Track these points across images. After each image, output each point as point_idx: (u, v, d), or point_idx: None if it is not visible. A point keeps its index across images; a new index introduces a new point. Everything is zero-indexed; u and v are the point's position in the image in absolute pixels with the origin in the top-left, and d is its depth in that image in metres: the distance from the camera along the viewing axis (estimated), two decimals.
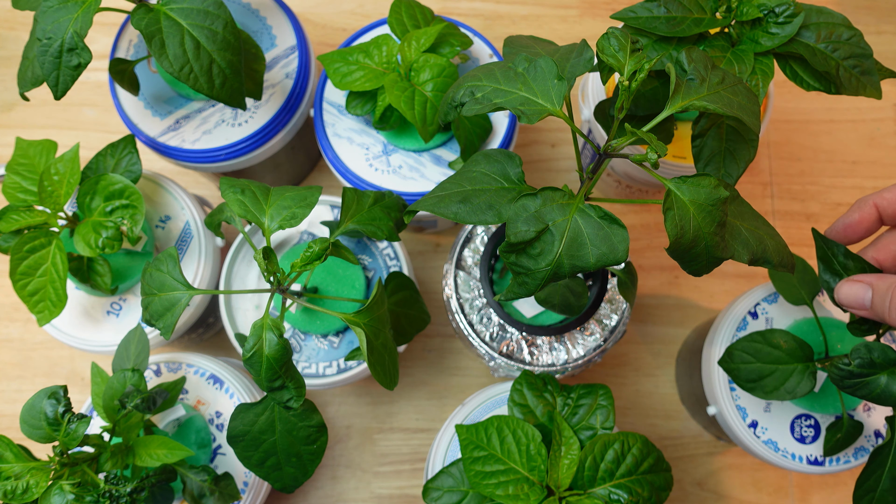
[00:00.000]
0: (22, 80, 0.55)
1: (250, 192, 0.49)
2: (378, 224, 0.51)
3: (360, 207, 0.52)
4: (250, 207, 0.48)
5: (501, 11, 0.89)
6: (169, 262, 0.48)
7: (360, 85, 0.61)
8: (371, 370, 0.45)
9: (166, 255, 0.48)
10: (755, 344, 0.57)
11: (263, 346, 0.44)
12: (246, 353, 0.44)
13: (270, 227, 0.48)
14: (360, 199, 0.52)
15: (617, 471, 0.53)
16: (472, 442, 0.54)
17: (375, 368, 0.46)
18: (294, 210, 0.48)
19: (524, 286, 0.38)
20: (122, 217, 0.56)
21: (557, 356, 0.61)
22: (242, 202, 0.48)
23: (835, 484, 0.78)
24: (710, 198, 0.37)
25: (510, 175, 0.40)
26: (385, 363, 0.47)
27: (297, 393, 0.46)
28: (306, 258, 0.45)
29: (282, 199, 0.49)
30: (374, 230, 0.51)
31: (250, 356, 0.44)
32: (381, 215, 0.52)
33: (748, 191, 0.85)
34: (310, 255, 0.45)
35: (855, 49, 0.50)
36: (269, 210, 0.48)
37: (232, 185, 0.49)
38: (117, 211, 0.56)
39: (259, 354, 0.44)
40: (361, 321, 0.45)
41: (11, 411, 0.79)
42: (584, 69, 0.41)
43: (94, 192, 0.57)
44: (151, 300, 0.48)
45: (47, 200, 0.56)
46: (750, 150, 0.47)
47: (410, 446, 0.78)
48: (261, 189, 0.50)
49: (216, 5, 0.52)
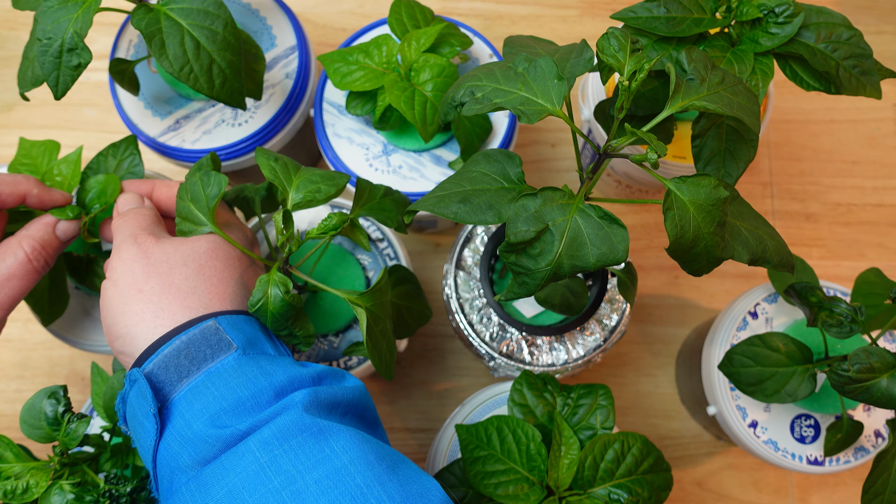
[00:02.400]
0: (22, 80, 0.55)
1: (282, 162, 0.50)
2: (388, 214, 0.52)
3: (371, 196, 0.52)
4: (280, 174, 0.49)
5: (501, 11, 0.89)
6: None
7: (360, 85, 0.61)
8: (369, 356, 0.46)
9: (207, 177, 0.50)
10: (754, 347, 0.57)
11: (269, 302, 0.45)
12: (252, 306, 0.46)
13: (294, 197, 0.48)
14: (373, 190, 0.53)
15: (617, 471, 0.53)
16: (472, 442, 0.54)
17: (373, 354, 0.47)
18: (321, 186, 0.49)
19: (524, 286, 0.38)
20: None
21: (557, 356, 0.61)
22: (274, 168, 0.49)
23: (835, 484, 0.78)
24: (710, 198, 0.37)
25: (510, 175, 0.41)
26: (383, 352, 0.48)
27: (305, 341, 0.48)
28: (323, 227, 0.46)
29: (311, 174, 0.50)
30: (385, 219, 0.52)
31: (256, 309, 0.46)
32: (390, 207, 0.53)
33: (748, 191, 0.85)
34: (327, 224, 0.46)
35: (855, 49, 0.50)
36: (297, 181, 0.49)
37: (267, 154, 0.50)
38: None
39: (264, 308, 0.46)
40: (364, 304, 0.46)
41: (11, 411, 0.79)
42: (584, 69, 0.41)
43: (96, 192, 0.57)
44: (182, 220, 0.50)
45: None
46: (750, 150, 0.47)
47: (410, 446, 0.78)
48: (292, 163, 0.51)
49: (216, 5, 0.52)
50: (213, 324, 0.43)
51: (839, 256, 0.83)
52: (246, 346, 0.43)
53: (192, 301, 0.45)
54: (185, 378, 0.42)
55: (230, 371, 0.41)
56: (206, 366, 0.42)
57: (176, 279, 0.45)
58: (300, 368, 0.43)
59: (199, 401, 0.41)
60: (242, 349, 0.43)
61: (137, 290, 0.45)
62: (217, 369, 0.42)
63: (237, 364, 0.42)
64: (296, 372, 0.42)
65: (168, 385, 0.42)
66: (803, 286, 0.56)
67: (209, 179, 0.48)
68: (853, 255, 0.83)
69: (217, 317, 0.44)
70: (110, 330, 0.46)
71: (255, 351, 0.44)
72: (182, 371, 0.42)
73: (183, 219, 0.49)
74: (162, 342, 0.43)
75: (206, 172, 0.48)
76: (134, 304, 0.45)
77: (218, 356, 0.42)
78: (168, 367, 0.42)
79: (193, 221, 0.48)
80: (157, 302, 0.44)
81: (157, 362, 0.42)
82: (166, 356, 0.42)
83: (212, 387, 0.41)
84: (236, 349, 0.43)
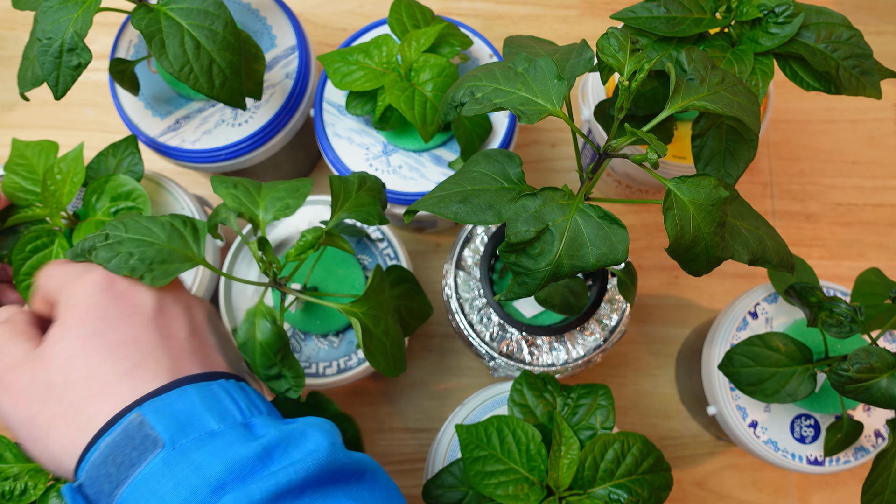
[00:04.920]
0: (22, 80, 0.55)
1: (242, 186, 0.49)
2: (368, 209, 0.50)
3: (347, 195, 0.51)
4: (244, 200, 0.48)
5: (501, 11, 0.89)
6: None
7: (360, 85, 0.61)
8: (369, 359, 0.45)
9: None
10: (754, 348, 0.57)
11: (256, 332, 0.43)
12: (239, 340, 0.44)
13: (265, 218, 0.47)
14: (346, 186, 0.51)
15: (617, 471, 0.53)
16: (472, 442, 0.54)
17: (375, 357, 0.45)
18: (287, 201, 0.48)
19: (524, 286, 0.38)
20: None
21: (557, 356, 0.61)
22: (236, 196, 0.48)
23: (835, 484, 0.78)
24: (710, 198, 0.37)
25: (510, 175, 0.40)
26: (387, 351, 0.46)
27: (296, 383, 0.46)
28: (300, 247, 0.45)
29: (274, 191, 0.49)
30: (367, 216, 0.50)
31: (244, 343, 0.44)
32: (368, 200, 0.51)
33: (748, 191, 0.85)
34: (303, 244, 0.45)
35: (855, 49, 0.50)
36: (263, 202, 0.48)
37: (224, 182, 0.49)
38: (122, 212, 0.57)
39: (252, 341, 0.44)
40: (358, 310, 0.45)
41: None
42: (584, 69, 0.41)
43: (102, 191, 0.57)
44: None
45: (50, 199, 0.56)
46: (750, 150, 0.47)
47: (410, 446, 0.78)
48: (252, 184, 0.50)
49: (216, 5, 0.52)
50: (136, 416, 0.37)
51: (839, 256, 0.83)
52: (176, 436, 0.37)
53: (116, 386, 0.38)
54: (117, 488, 0.36)
55: (157, 476, 0.36)
56: (133, 472, 0.36)
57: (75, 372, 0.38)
58: (243, 447, 0.37)
59: None
60: (171, 442, 0.36)
61: (41, 402, 0.39)
62: (144, 477, 0.36)
63: (164, 466, 0.36)
64: (236, 454, 0.36)
65: (104, 498, 0.37)
66: (803, 286, 0.56)
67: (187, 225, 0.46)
68: (853, 255, 0.83)
69: (142, 404, 0.37)
70: (31, 450, 0.40)
71: (190, 436, 0.37)
72: (112, 480, 0.36)
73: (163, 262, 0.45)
74: (89, 447, 0.37)
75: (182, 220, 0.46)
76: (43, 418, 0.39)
77: (144, 458, 0.36)
78: (98, 477, 0.37)
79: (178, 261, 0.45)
80: (86, 388, 0.38)
81: (86, 474, 0.37)
82: (93, 465, 0.37)
83: (141, 500, 0.35)
84: (162, 446, 0.36)
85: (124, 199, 0.57)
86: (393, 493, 0.41)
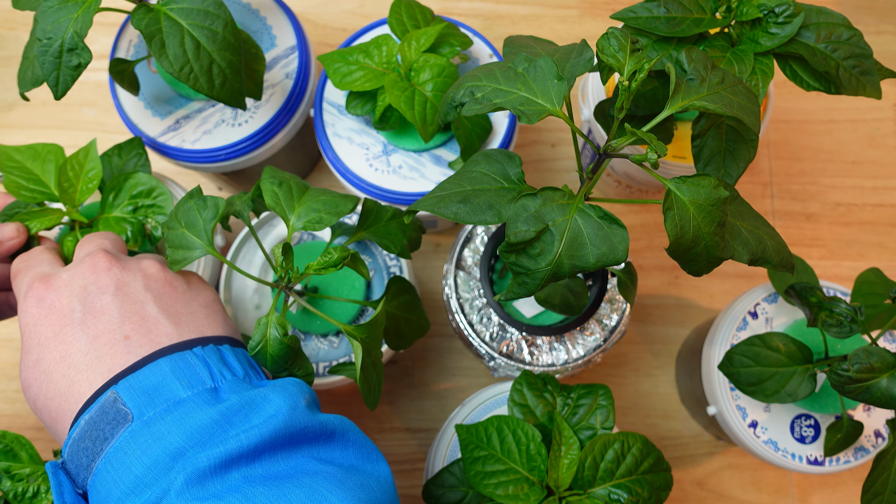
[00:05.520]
0: (22, 80, 0.55)
1: (287, 186, 0.49)
2: (392, 238, 0.51)
3: (377, 219, 0.52)
4: (282, 201, 0.48)
5: (501, 11, 0.89)
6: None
7: (360, 85, 0.61)
8: (360, 386, 0.45)
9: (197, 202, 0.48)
10: (754, 348, 0.57)
11: (268, 345, 0.44)
12: (252, 349, 0.45)
13: (295, 224, 0.47)
14: (380, 212, 0.52)
15: (617, 471, 0.53)
16: (472, 442, 0.54)
17: (364, 385, 0.46)
18: (322, 215, 0.47)
19: (524, 286, 0.38)
20: (144, 216, 0.56)
21: (557, 356, 0.61)
22: (276, 194, 0.48)
23: (835, 484, 0.78)
24: (710, 198, 0.37)
25: (510, 175, 0.40)
26: (372, 382, 0.47)
27: (306, 380, 0.47)
28: (323, 263, 0.45)
29: (314, 201, 0.48)
30: (388, 244, 0.51)
31: (255, 352, 0.45)
32: (396, 231, 0.52)
33: (748, 191, 0.85)
34: (328, 261, 0.45)
35: (855, 49, 0.50)
36: (299, 209, 0.48)
37: (273, 176, 0.49)
38: (141, 210, 0.56)
39: (264, 351, 0.44)
40: (360, 335, 0.45)
41: (11, 411, 0.79)
42: (584, 69, 0.41)
43: (121, 189, 0.57)
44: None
45: (64, 196, 0.56)
46: (750, 150, 0.47)
47: (410, 446, 0.78)
48: (299, 186, 0.50)
49: (216, 5, 0.52)
50: (111, 394, 0.39)
51: (839, 256, 0.83)
52: (144, 408, 0.38)
53: (95, 363, 0.41)
54: (93, 461, 0.38)
55: (125, 448, 0.38)
56: (107, 446, 0.38)
57: (78, 343, 0.41)
58: (202, 414, 0.38)
59: (103, 488, 0.38)
60: (140, 415, 0.38)
61: (60, 357, 0.42)
62: (114, 449, 0.38)
63: (131, 438, 0.38)
64: (195, 422, 0.38)
65: (83, 471, 0.39)
66: (803, 286, 0.56)
67: (205, 203, 0.47)
68: (853, 255, 0.83)
69: (117, 382, 0.40)
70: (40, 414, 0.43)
71: (157, 407, 0.38)
72: (89, 454, 0.39)
73: (175, 248, 0.46)
74: (72, 426, 0.40)
75: (200, 198, 0.47)
76: (55, 376, 0.42)
77: (116, 432, 0.38)
78: (77, 452, 0.39)
79: (187, 248, 0.46)
80: (67, 371, 0.41)
81: (69, 450, 0.39)
82: (74, 442, 0.39)
83: (112, 471, 0.37)
84: (131, 420, 0.38)
85: (144, 197, 0.57)
86: (369, 451, 0.41)
